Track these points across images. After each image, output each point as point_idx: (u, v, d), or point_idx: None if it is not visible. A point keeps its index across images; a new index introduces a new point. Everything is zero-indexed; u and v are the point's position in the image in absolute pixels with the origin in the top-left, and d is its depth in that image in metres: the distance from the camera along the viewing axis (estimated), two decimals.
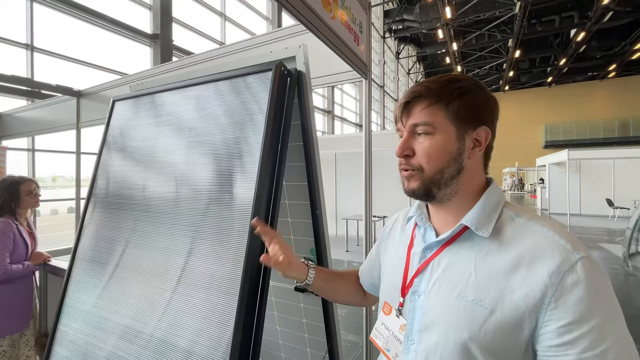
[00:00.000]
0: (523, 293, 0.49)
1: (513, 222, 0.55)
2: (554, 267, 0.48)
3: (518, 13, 12.98)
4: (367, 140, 1.44)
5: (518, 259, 0.51)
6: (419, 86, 0.58)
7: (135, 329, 1.00)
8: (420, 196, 0.60)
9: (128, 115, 1.36)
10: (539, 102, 24.47)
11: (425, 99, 0.57)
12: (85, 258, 1.26)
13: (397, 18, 14.48)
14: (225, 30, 7.32)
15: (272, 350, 1.52)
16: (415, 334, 0.58)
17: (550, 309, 0.47)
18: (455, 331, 0.52)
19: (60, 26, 4.57)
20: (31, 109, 3.19)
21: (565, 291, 0.46)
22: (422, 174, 0.58)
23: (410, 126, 0.58)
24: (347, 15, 1.19)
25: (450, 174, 0.57)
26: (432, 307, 0.56)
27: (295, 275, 0.77)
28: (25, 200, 1.85)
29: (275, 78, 0.98)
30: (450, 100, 0.55)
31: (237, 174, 0.98)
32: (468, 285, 0.53)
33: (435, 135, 0.56)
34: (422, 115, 0.57)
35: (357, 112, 14.45)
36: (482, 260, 0.54)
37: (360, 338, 2.90)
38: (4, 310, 1.77)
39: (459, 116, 0.56)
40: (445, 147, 0.56)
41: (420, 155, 0.58)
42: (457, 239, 0.58)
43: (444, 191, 0.58)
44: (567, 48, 16.42)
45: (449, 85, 0.56)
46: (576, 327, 0.45)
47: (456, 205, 0.59)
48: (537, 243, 0.51)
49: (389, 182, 5.64)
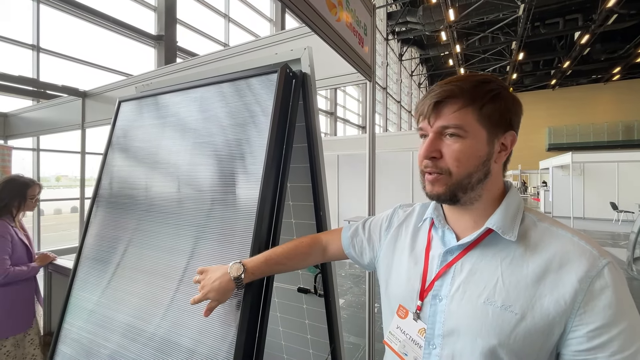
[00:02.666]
0: (553, 298, 0.49)
1: (536, 226, 0.55)
2: (582, 272, 0.48)
3: (522, 15, 12.95)
4: (370, 142, 1.44)
5: (546, 264, 0.51)
6: (451, 85, 0.55)
7: (140, 328, 1.01)
8: (444, 200, 0.58)
9: (134, 116, 1.37)
10: (542, 105, 24.38)
11: (458, 100, 0.54)
12: (91, 257, 1.26)
13: (400, 20, 14.49)
14: (229, 31, 7.35)
15: (274, 351, 1.52)
16: (438, 338, 0.57)
17: (580, 313, 0.47)
18: (483, 337, 0.51)
19: (66, 27, 4.61)
20: (37, 109, 3.21)
21: (594, 296, 0.47)
22: (450, 178, 0.55)
23: (440, 127, 0.55)
24: (352, 17, 1.20)
25: (478, 179, 0.55)
26: (455, 312, 0.55)
27: (231, 292, 0.78)
28: (27, 204, 1.87)
29: (281, 80, 0.99)
30: (483, 104, 0.53)
31: (242, 175, 0.98)
32: (496, 290, 0.52)
33: (466, 139, 0.54)
34: (454, 118, 0.54)
35: (360, 114, 14.46)
36: (509, 265, 0.53)
37: (361, 340, 2.89)
38: (6, 312, 1.76)
39: (490, 120, 0.54)
40: (476, 152, 0.54)
41: (450, 159, 0.55)
42: (480, 243, 0.57)
43: (469, 195, 0.57)
44: (571, 50, 16.37)
45: (481, 87, 0.54)
46: (605, 331, 0.46)
47: (477, 209, 0.58)
48: (565, 249, 0.51)
49: (391, 183, 5.63)
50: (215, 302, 0.77)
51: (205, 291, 0.77)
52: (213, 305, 0.78)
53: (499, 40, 15.84)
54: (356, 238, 0.80)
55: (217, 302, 0.77)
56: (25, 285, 1.83)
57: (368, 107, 1.48)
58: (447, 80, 0.58)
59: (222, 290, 0.76)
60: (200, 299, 0.77)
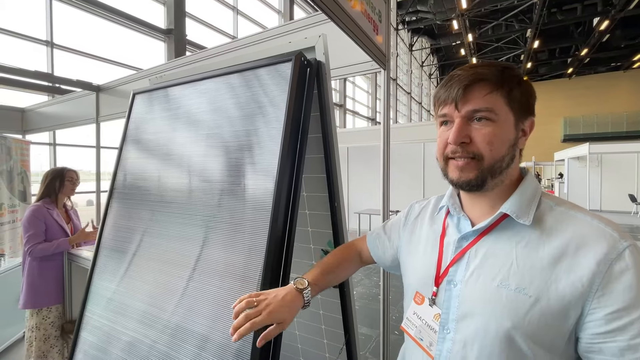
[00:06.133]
0: (569, 281, 0.48)
1: (553, 210, 0.55)
2: (601, 255, 0.47)
3: (538, 1, 12.49)
4: (385, 132, 1.42)
5: (563, 247, 0.50)
6: (480, 68, 0.55)
7: (157, 315, 1.03)
8: (473, 186, 0.56)
9: (149, 108, 1.38)
10: (558, 95, 23.61)
11: (488, 84, 0.54)
12: (109, 247, 1.29)
13: (410, 9, 14.16)
14: (237, 24, 7.32)
15: (289, 341, 1.54)
16: (452, 322, 0.58)
17: (598, 296, 0.46)
18: (497, 320, 0.51)
19: (78, 23, 4.67)
20: (52, 104, 3.28)
21: (613, 278, 0.46)
22: (482, 163, 0.54)
23: (469, 112, 0.54)
24: (367, 4, 1.17)
25: (507, 163, 0.55)
26: (469, 297, 0.56)
27: (297, 312, 0.68)
28: (66, 186, 2.08)
29: (296, 68, 0.97)
30: (512, 87, 0.54)
31: (258, 166, 0.98)
32: (510, 274, 0.52)
33: (497, 122, 0.54)
34: (485, 101, 0.53)
35: (369, 106, 14.30)
36: (523, 248, 0.53)
37: (373, 331, 2.91)
38: (33, 285, 1.96)
39: (519, 105, 0.55)
40: (506, 135, 0.54)
41: (481, 142, 0.54)
42: (495, 228, 0.57)
43: (495, 180, 0.56)
44: (589, 37, 15.73)
45: (507, 72, 0.55)
46: (625, 313, 0.44)
47: (494, 195, 0.58)
48: (583, 231, 0.50)
49: (402, 175, 5.58)
50: (279, 325, 0.63)
51: (271, 311, 0.62)
52: (275, 331, 0.63)
53: (514, 28, 15.33)
54: (379, 240, 0.84)
55: (282, 325, 0.63)
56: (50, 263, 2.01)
57: (383, 96, 1.45)
58: (466, 66, 0.57)
59: (292, 306, 0.66)
60: (264, 321, 0.61)
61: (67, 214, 2.17)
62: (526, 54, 18.16)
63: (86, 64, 4.74)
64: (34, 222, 1.92)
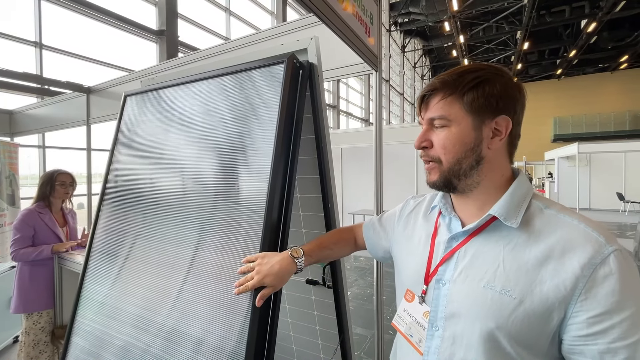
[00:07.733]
0: (553, 284, 0.49)
1: (542, 213, 0.55)
2: (585, 259, 0.48)
3: (527, 4, 12.69)
4: (378, 133, 1.43)
5: (548, 251, 0.51)
6: (435, 79, 0.59)
7: (150, 319, 1.02)
8: (441, 188, 0.61)
9: (141, 110, 1.37)
10: (548, 95, 24.00)
11: (439, 92, 0.58)
12: (101, 251, 1.28)
13: (402, 11, 14.27)
14: (230, 25, 7.29)
15: (283, 342, 1.54)
16: (440, 320, 0.59)
17: (581, 300, 0.47)
18: (482, 320, 0.53)
19: (67, 23, 4.60)
20: (41, 106, 3.22)
21: (596, 283, 0.47)
22: (441, 166, 0.59)
23: (428, 120, 0.60)
24: (358, 6, 1.18)
25: (469, 165, 0.57)
26: (457, 296, 0.57)
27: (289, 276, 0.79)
28: (57, 190, 2.05)
29: (288, 70, 0.98)
30: (465, 91, 0.56)
31: (251, 167, 0.98)
32: (496, 275, 0.53)
33: (451, 127, 0.57)
34: (437, 109, 0.58)
35: (363, 107, 14.36)
36: (510, 251, 0.54)
37: (368, 332, 2.91)
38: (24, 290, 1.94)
39: (474, 106, 0.56)
40: (461, 138, 0.56)
41: (438, 147, 0.59)
42: (484, 230, 0.58)
43: (465, 182, 0.59)
44: (578, 39, 16.03)
45: (464, 76, 0.56)
46: (607, 317, 0.46)
47: (480, 196, 0.60)
48: (569, 235, 0.51)
49: (395, 176, 5.61)
50: (271, 288, 0.77)
51: (262, 276, 0.76)
52: (268, 292, 0.77)
53: (504, 29, 15.55)
54: (374, 231, 0.86)
55: (272, 288, 0.77)
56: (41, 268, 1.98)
57: (375, 98, 1.46)
58: (437, 75, 0.61)
59: (282, 273, 0.76)
60: (255, 284, 0.76)
61: (64, 217, 2.15)
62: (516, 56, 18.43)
63: (76, 65, 4.67)
64: (22, 226, 1.92)
